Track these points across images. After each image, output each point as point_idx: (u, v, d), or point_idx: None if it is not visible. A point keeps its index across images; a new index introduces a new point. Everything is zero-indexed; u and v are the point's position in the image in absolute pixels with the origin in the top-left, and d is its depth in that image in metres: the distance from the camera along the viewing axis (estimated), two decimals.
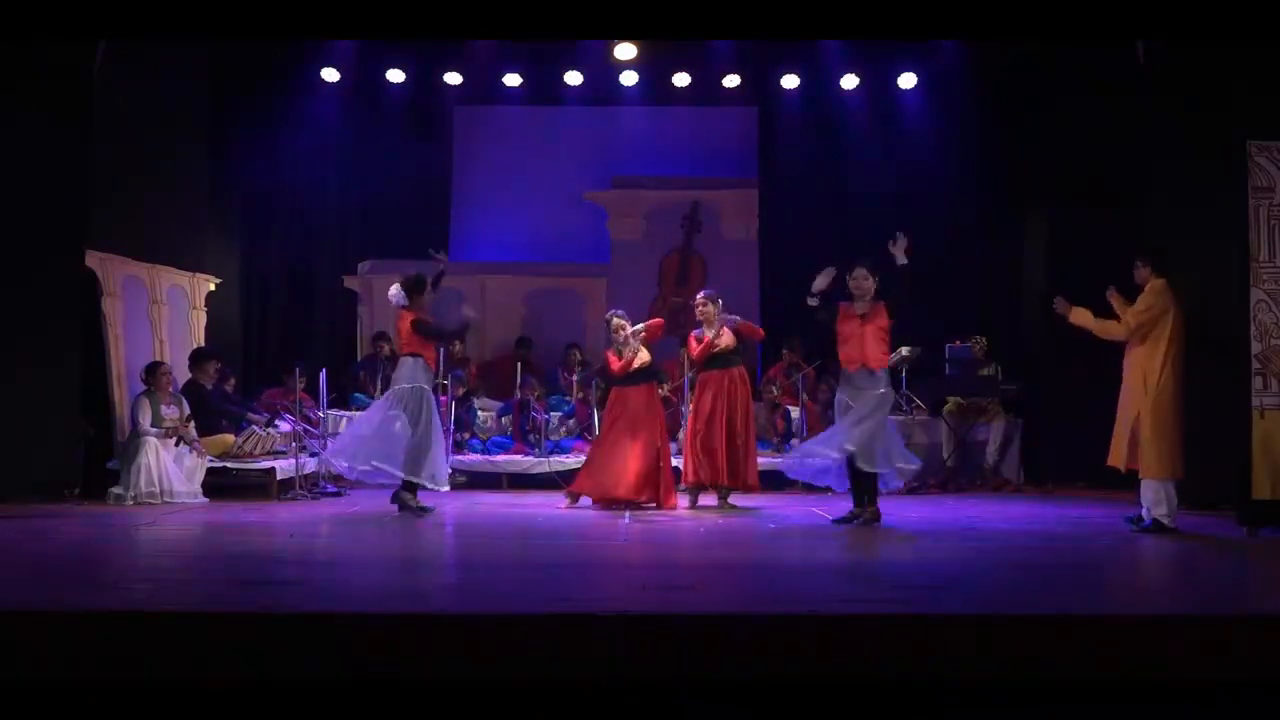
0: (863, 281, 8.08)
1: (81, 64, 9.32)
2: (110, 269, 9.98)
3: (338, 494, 9.93)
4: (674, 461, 9.47)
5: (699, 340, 9.24)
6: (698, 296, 9.43)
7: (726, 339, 9.19)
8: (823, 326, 8.33)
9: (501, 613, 4.75)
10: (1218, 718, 4.32)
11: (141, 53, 9.97)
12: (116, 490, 9.11)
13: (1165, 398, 7.50)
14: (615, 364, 9.23)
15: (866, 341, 8.04)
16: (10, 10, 7.31)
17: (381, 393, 11.24)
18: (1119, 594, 5.77)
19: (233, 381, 10.70)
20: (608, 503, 9.08)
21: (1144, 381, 7.54)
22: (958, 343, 11.55)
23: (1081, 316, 7.91)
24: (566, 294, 13.26)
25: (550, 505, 9.41)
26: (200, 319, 11.32)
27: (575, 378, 11.50)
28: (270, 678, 4.33)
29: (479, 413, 11.43)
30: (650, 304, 12.93)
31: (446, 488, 8.93)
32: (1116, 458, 7.73)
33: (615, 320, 9.32)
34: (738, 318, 9.37)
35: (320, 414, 10.33)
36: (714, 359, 9.18)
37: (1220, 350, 7.72)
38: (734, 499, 9.22)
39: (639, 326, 9.32)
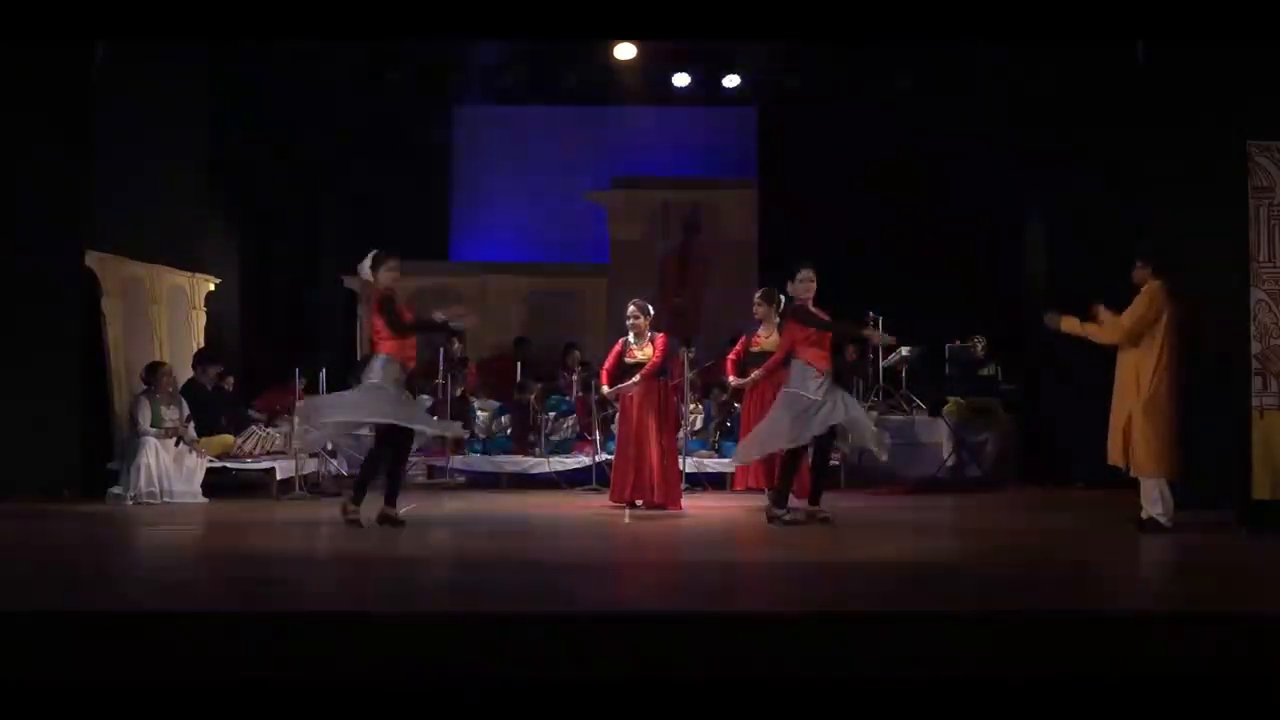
0: (809, 283, 8.02)
1: (81, 64, 9.32)
2: (110, 269, 9.97)
3: (337, 494, 9.92)
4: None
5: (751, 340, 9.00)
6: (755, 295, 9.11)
7: (771, 340, 8.87)
8: None
9: (501, 612, 4.75)
10: (1217, 717, 4.32)
11: (141, 53, 9.97)
12: (116, 490, 9.10)
13: (1158, 398, 7.45)
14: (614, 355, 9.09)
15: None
16: (10, 10, 7.30)
17: None
18: (1118, 593, 5.77)
19: (232, 380, 10.69)
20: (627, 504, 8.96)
21: (1136, 382, 7.49)
22: (958, 343, 11.54)
23: (1072, 325, 7.82)
24: (566, 294, 13.26)
25: (550, 506, 9.41)
26: (200, 319, 11.32)
27: (575, 377, 11.49)
28: (271, 678, 4.33)
29: (478, 413, 11.41)
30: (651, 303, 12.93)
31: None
32: (1114, 456, 7.72)
33: (632, 306, 9.11)
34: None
35: None
36: (755, 359, 8.91)
37: (1220, 350, 7.71)
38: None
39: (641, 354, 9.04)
